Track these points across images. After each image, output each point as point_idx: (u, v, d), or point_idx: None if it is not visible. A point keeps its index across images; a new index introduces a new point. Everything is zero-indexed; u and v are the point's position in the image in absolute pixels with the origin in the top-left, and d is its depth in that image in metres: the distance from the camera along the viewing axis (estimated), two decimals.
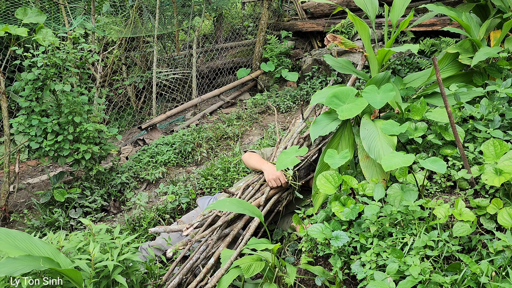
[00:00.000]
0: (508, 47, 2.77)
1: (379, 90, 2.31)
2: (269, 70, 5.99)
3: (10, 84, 4.98)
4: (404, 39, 5.06)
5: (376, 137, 2.18)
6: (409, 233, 1.83)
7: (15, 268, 1.77)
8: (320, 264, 2.17)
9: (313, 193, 2.40)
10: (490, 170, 1.89)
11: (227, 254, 2.20)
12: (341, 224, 2.04)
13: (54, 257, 1.99)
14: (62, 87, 3.21)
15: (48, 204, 3.55)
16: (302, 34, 6.39)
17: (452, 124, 2.02)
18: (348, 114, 2.22)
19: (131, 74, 6.26)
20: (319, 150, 2.75)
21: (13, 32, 3.14)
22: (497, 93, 2.44)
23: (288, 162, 2.27)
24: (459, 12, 2.99)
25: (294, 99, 5.35)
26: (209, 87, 6.53)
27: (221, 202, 2.15)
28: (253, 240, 2.18)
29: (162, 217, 3.24)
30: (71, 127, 3.31)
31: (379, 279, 1.65)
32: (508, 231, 1.66)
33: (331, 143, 2.40)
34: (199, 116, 5.60)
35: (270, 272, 2.04)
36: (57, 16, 4.51)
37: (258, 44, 6.19)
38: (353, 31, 5.57)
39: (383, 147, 2.13)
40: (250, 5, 7.98)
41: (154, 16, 5.69)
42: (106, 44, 5.94)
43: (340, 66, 2.93)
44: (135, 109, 6.07)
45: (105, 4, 5.50)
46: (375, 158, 2.11)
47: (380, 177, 2.18)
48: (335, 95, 2.34)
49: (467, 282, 1.57)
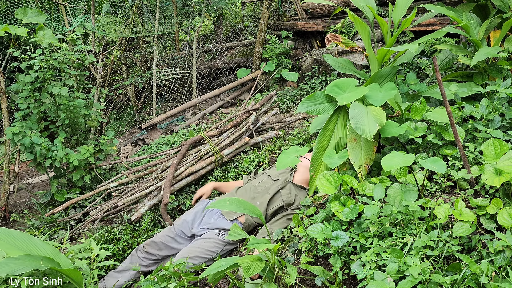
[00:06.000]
0: (508, 47, 2.77)
1: (381, 88, 2.32)
2: (269, 70, 5.99)
3: (10, 84, 4.98)
4: (404, 39, 5.06)
5: (364, 115, 2.21)
6: (409, 233, 1.83)
7: (15, 268, 1.77)
8: (320, 264, 2.17)
9: (310, 176, 2.46)
10: (490, 170, 1.89)
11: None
12: (341, 224, 2.04)
13: (54, 257, 1.99)
14: (59, 90, 3.19)
15: (48, 204, 3.55)
16: (302, 34, 6.39)
17: (452, 124, 2.02)
18: (347, 100, 2.27)
19: (131, 74, 6.26)
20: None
21: (13, 32, 3.14)
22: (497, 93, 2.44)
23: (288, 162, 2.28)
24: (459, 12, 2.99)
25: (294, 99, 5.35)
26: (209, 87, 6.53)
27: (221, 202, 2.15)
28: (253, 240, 2.18)
29: (162, 217, 3.24)
30: (64, 157, 3.25)
31: (379, 279, 1.66)
32: (508, 231, 1.66)
33: (327, 126, 2.44)
34: (199, 116, 5.60)
35: (270, 272, 2.04)
36: (57, 16, 4.51)
37: (258, 44, 6.19)
38: (353, 31, 5.58)
39: (370, 123, 2.15)
40: (250, 5, 7.98)
41: (154, 16, 5.69)
42: (106, 44, 5.94)
43: (340, 66, 2.93)
44: (135, 109, 6.07)
45: (105, 4, 5.50)
46: (360, 133, 2.14)
47: (365, 161, 2.20)
48: (336, 85, 2.37)
49: (467, 282, 1.57)
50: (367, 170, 2.20)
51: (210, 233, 2.71)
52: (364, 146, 2.24)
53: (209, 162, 3.54)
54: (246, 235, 2.14)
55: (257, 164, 3.57)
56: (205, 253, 2.60)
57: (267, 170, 3.10)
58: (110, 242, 2.94)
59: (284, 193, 2.84)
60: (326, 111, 2.41)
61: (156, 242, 2.74)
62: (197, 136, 3.73)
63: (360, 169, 2.21)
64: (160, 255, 2.73)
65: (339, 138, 2.35)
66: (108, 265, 2.70)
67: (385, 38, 2.87)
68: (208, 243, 2.64)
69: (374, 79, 2.58)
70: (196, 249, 2.60)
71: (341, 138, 2.35)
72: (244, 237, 2.12)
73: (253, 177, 3.21)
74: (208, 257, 2.60)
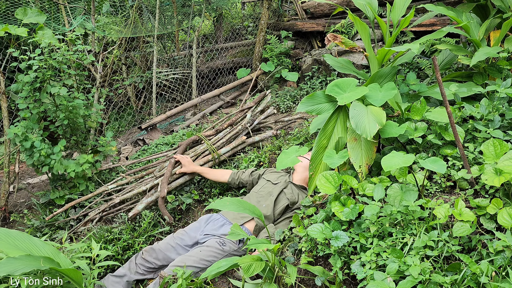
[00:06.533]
0: (508, 47, 2.77)
1: (381, 88, 2.32)
2: (269, 70, 5.99)
3: (10, 84, 4.98)
4: (404, 39, 5.06)
5: (364, 115, 2.21)
6: (409, 233, 1.83)
7: (15, 268, 1.77)
8: (320, 264, 2.17)
9: (309, 175, 2.46)
10: (490, 170, 1.89)
11: None
12: (341, 224, 2.04)
13: (54, 257, 1.99)
14: (58, 90, 3.19)
15: (48, 204, 3.55)
16: (302, 34, 6.39)
17: (452, 124, 2.02)
18: (347, 100, 2.27)
19: (131, 74, 6.26)
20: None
21: (13, 32, 3.14)
22: (497, 93, 2.44)
23: (288, 162, 2.28)
24: (459, 12, 2.99)
25: (294, 99, 5.35)
26: (209, 87, 6.53)
27: (221, 202, 2.15)
28: (253, 240, 2.18)
29: (162, 217, 3.24)
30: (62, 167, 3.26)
31: (379, 279, 1.65)
32: (508, 231, 1.66)
33: (326, 126, 2.44)
34: (199, 116, 5.60)
35: (270, 272, 2.04)
36: (57, 16, 4.51)
37: (258, 44, 6.19)
38: (353, 31, 5.57)
39: (370, 123, 2.15)
40: (250, 5, 7.98)
41: (154, 16, 5.69)
42: (106, 44, 5.94)
43: (340, 66, 2.93)
44: (135, 109, 6.07)
45: (105, 4, 5.49)
46: (361, 133, 2.14)
47: (365, 161, 2.19)
48: (336, 85, 2.37)
49: (467, 282, 1.57)
50: (367, 170, 2.20)
51: (211, 240, 2.63)
52: (364, 146, 2.24)
53: (206, 161, 3.56)
54: (246, 235, 2.14)
55: (257, 164, 3.57)
56: (199, 262, 2.51)
57: (265, 176, 3.13)
58: (110, 242, 2.94)
59: (287, 192, 2.87)
60: (326, 111, 2.41)
61: (154, 249, 2.69)
62: (193, 137, 3.76)
63: (360, 169, 2.21)
64: (157, 263, 2.66)
65: (339, 138, 2.36)
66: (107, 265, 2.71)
67: (385, 38, 2.87)
68: (205, 252, 2.55)
69: (374, 79, 2.58)
70: (191, 258, 2.52)
71: (340, 138, 2.35)
72: (243, 237, 2.12)
73: (243, 171, 3.27)
74: (203, 267, 2.50)
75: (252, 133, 3.97)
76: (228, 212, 2.81)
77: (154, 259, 2.66)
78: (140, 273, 2.65)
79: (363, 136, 2.14)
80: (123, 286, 2.60)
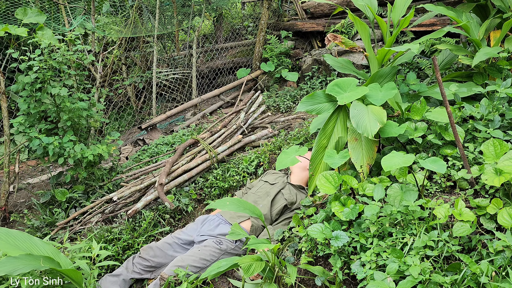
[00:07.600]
0: (508, 47, 2.77)
1: (381, 88, 2.32)
2: (269, 70, 5.99)
3: (10, 84, 4.98)
4: (404, 39, 5.06)
5: (365, 114, 2.21)
6: (409, 233, 1.83)
7: (15, 267, 1.77)
8: (320, 264, 2.17)
9: (309, 175, 2.46)
10: (490, 170, 1.89)
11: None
12: (341, 224, 2.04)
13: (54, 257, 1.99)
14: (58, 91, 3.19)
15: (48, 204, 3.55)
16: (302, 34, 6.39)
17: (452, 124, 2.02)
18: (347, 100, 2.27)
19: (131, 74, 6.26)
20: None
21: (13, 32, 3.14)
22: (497, 93, 2.44)
23: (288, 161, 2.28)
24: (459, 12, 2.99)
25: (294, 99, 5.35)
26: (209, 87, 6.53)
27: (221, 202, 2.15)
28: (253, 240, 2.18)
29: (162, 217, 3.23)
30: (72, 151, 3.29)
31: (379, 279, 1.65)
32: (508, 231, 1.66)
33: (326, 126, 2.44)
34: (199, 116, 5.60)
35: (270, 272, 2.04)
36: (57, 16, 4.51)
37: (258, 44, 6.19)
38: (353, 31, 5.57)
39: (371, 122, 2.15)
40: (250, 5, 7.98)
41: (154, 16, 5.69)
42: (106, 44, 5.94)
43: (340, 65, 2.93)
44: (135, 109, 6.07)
45: (105, 4, 5.49)
46: (362, 132, 2.14)
47: (366, 160, 2.19)
48: (337, 84, 2.37)
49: (467, 282, 1.57)
50: (368, 169, 2.20)
51: (208, 240, 2.64)
52: (365, 146, 2.24)
53: (204, 160, 3.59)
54: (246, 234, 2.14)
55: (257, 164, 3.58)
56: (198, 262, 2.51)
57: (263, 178, 3.13)
58: (110, 242, 2.94)
59: (285, 193, 2.87)
60: (326, 111, 2.41)
61: (152, 247, 2.68)
62: (190, 140, 3.83)
63: (361, 169, 2.21)
64: (154, 261, 2.64)
65: (339, 138, 2.36)
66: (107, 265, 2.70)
67: (385, 38, 2.87)
68: (203, 251, 2.55)
69: (374, 79, 2.58)
70: (189, 258, 2.52)
71: (340, 138, 2.35)
72: (244, 236, 2.12)
73: (248, 188, 3.23)
74: (202, 266, 2.50)
75: (248, 133, 4.02)
76: (225, 211, 2.81)
77: (152, 256, 2.66)
78: (137, 272, 2.64)
79: (364, 135, 2.14)
80: (120, 284, 2.60)
